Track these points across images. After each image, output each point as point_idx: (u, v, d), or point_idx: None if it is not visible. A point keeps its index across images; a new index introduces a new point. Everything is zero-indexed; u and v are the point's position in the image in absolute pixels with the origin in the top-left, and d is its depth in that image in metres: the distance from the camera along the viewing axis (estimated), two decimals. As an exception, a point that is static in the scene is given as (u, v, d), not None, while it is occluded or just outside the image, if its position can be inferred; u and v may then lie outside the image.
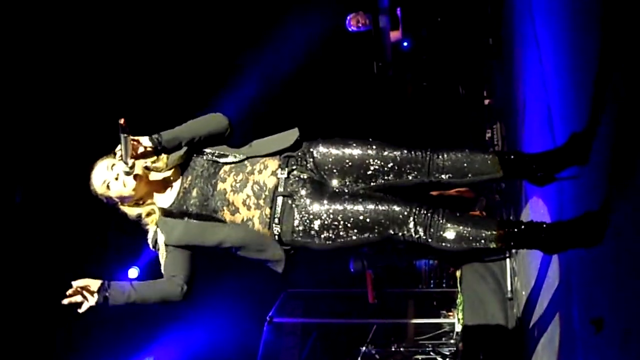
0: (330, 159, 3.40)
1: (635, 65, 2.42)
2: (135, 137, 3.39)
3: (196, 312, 9.48)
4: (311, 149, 3.45)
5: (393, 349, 8.23)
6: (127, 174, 3.44)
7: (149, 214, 3.55)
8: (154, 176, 3.59)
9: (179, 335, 9.53)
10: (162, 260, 3.48)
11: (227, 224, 3.41)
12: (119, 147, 3.38)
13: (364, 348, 8.22)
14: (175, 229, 3.44)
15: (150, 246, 3.58)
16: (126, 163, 3.38)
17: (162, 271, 3.47)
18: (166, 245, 3.45)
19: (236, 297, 9.42)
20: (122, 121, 3.25)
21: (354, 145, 3.39)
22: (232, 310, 9.43)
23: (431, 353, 8.11)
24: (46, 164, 7.92)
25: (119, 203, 3.59)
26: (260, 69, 9.68)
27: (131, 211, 3.59)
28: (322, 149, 3.43)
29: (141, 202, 3.58)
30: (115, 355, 9.11)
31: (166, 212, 3.51)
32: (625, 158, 2.51)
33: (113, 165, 3.51)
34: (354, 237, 3.20)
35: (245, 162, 3.47)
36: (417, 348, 8.26)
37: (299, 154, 3.45)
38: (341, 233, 3.20)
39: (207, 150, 3.54)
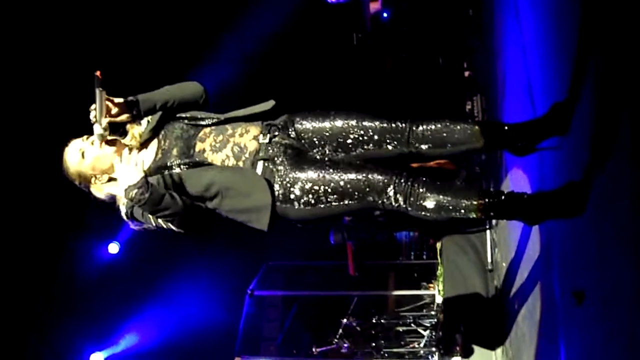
0: (311, 129, 3.38)
1: (617, 35, 2.40)
2: (110, 97, 3.34)
3: (177, 287, 9.46)
4: (292, 119, 3.43)
5: (374, 321, 8.25)
6: (102, 137, 3.36)
7: None
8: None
9: (160, 310, 9.52)
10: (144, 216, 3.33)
11: (213, 166, 3.35)
12: (93, 106, 3.32)
13: (345, 320, 8.24)
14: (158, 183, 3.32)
15: (124, 211, 3.42)
16: (100, 124, 3.31)
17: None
18: None
19: (216, 271, 9.40)
20: (98, 73, 3.18)
21: (335, 115, 3.38)
22: (212, 284, 9.42)
23: (412, 325, 8.14)
24: (25, 140, 7.84)
25: (92, 182, 3.50)
26: (240, 41, 9.61)
27: (104, 192, 3.50)
28: (303, 119, 3.42)
29: (116, 176, 3.46)
30: (97, 331, 9.09)
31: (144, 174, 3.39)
32: (606, 128, 2.49)
33: (87, 137, 3.46)
34: (334, 203, 3.18)
35: (227, 125, 3.44)
36: (397, 320, 8.29)
37: (281, 123, 3.43)
38: (321, 198, 3.18)
39: (183, 115, 3.50)
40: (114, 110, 3.37)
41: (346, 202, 3.17)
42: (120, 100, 3.40)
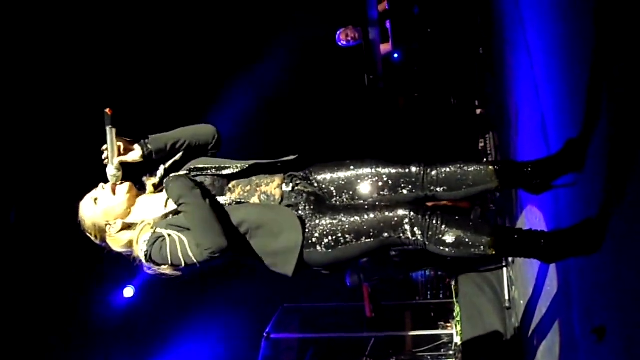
0: (329, 179, 3.44)
1: (630, 68, 2.41)
2: (120, 137, 3.37)
3: (192, 330, 9.44)
4: (311, 171, 3.48)
5: (392, 362, 8.20)
6: (115, 177, 3.37)
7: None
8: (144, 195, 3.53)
9: (177, 354, 9.48)
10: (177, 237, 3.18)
11: (248, 203, 3.36)
12: (104, 146, 3.35)
13: (362, 362, 8.19)
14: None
15: (144, 249, 3.27)
16: (112, 163, 3.33)
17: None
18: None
19: (232, 314, 9.38)
20: (108, 110, 3.19)
21: (350, 164, 3.43)
22: (228, 327, 9.39)
23: (430, 365, 8.09)
24: (41, 184, 7.89)
25: (107, 231, 3.45)
26: (251, 85, 9.67)
27: (120, 241, 3.43)
28: (321, 171, 3.47)
29: (131, 221, 3.43)
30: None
31: (170, 214, 3.36)
32: (622, 163, 2.49)
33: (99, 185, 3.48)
34: (352, 243, 3.16)
35: (252, 177, 3.45)
36: (415, 360, 8.24)
37: (302, 174, 3.47)
38: (339, 239, 3.17)
39: (206, 166, 3.49)
40: (127, 147, 3.41)
41: (363, 240, 3.15)
42: (130, 140, 3.44)
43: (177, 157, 3.52)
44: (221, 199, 3.36)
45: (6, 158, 7.51)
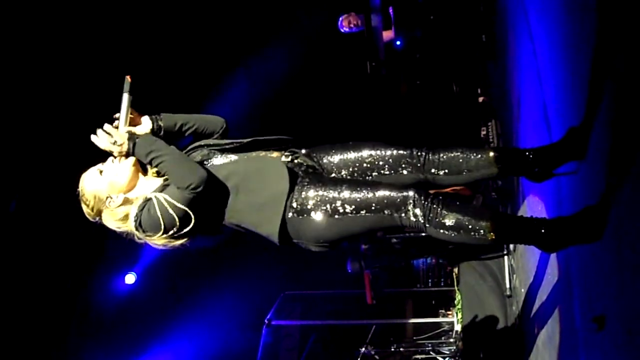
0: (329, 158, 3.45)
1: (633, 56, 2.39)
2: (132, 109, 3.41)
3: (194, 316, 9.46)
4: (313, 149, 3.51)
5: (392, 349, 8.21)
6: (119, 146, 3.32)
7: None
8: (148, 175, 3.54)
9: (178, 341, 9.51)
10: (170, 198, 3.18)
11: (235, 161, 3.39)
12: (117, 114, 3.37)
13: (363, 349, 8.19)
14: None
15: (134, 212, 3.27)
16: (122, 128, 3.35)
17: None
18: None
19: (233, 301, 9.39)
20: (128, 77, 3.22)
21: (352, 145, 3.45)
22: (229, 313, 9.40)
23: (431, 352, 8.09)
24: (41, 173, 7.88)
25: (107, 204, 3.42)
26: (254, 72, 9.67)
27: (116, 214, 3.41)
28: (322, 150, 3.49)
29: (131, 197, 3.42)
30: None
31: (162, 187, 3.37)
32: (624, 152, 2.48)
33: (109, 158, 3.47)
34: (351, 215, 3.13)
35: (252, 152, 3.46)
36: (416, 348, 8.24)
37: (303, 151, 3.49)
38: (338, 209, 3.15)
39: (204, 142, 3.53)
40: (137, 120, 3.46)
41: (363, 213, 3.12)
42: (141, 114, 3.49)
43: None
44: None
45: (8, 148, 7.50)
